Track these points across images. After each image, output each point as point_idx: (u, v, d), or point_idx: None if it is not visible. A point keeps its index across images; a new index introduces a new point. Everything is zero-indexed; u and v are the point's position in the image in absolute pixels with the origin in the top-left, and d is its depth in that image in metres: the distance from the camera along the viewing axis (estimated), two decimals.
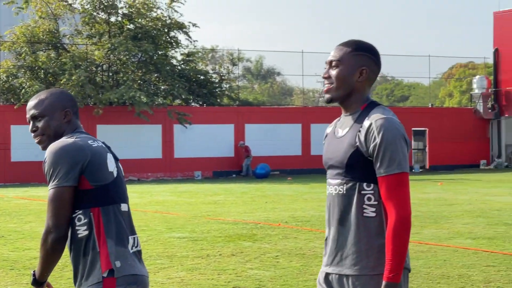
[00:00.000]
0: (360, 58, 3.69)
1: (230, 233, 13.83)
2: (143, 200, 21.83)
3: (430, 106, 45.21)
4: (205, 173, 35.70)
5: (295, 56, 43.04)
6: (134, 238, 3.90)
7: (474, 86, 42.85)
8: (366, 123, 3.59)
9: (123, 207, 3.88)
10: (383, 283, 3.47)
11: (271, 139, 36.86)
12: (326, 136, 3.87)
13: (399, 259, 3.45)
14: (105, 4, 35.42)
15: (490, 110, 41.48)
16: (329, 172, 3.74)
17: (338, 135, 3.73)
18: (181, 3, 36.70)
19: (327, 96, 3.72)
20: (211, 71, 41.20)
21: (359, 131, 3.60)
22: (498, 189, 25.14)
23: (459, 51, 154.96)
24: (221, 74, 40.48)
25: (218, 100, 39.11)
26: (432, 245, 12.14)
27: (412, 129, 39.76)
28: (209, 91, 38.60)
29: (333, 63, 3.71)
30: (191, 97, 37.85)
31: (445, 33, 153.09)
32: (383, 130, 3.53)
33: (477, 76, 43.55)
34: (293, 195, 23.16)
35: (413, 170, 38.75)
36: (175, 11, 36.74)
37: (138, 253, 3.91)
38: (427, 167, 39.92)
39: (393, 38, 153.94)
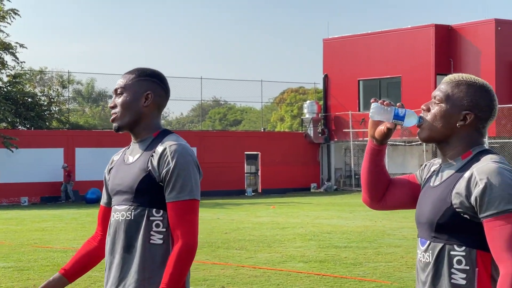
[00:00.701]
0: (144, 83, 3.66)
1: (59, 262, 13.30)
2: None
3: (262, 130, 45.87)
4: (32, 199, 34.47)
5: None
6: None
7: (305, 110, 43.85)
8: (159, 148, 3.54)
9: None
10: None
11: (102, 163, 36.10)
12: (112, 162, 3.81)
13: (175, 285, 3.39)
14: None
15: (320, 135, 42.54)
16: (116, 198, 3.64)
17: (128, 161, 3.66)
18: (8, 23, 35.49)
19: (114, 125, 3.70)
20: (39, 94, 40.00)
21: (152, 156, 3.55)
22: (328, 212, 25.69)
23: (290, 77, 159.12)
24: (50, 97, 39.39)
25: (47, 123, 38.01)
26: (266, 270, 12.12)
27: (245, 153, 40.14)
28: (37, 114, 37.42)
29: (118, 91, 3.68)
30: (18, 120, 36.55)
31: (277, 59, 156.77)
32: (176, 155, 3.49)
33: (308, 101, 44.62)
34: None
35: (246, 194, 39.08)
36: (1, 31, 35.48)
37: None
38: (260, 190, 40.38)
39: (226, 63, 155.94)
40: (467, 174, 2.87)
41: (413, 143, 39.16)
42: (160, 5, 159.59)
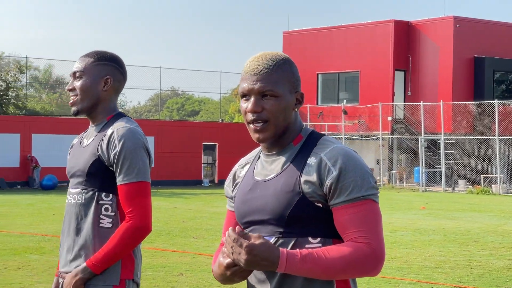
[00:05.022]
0: (103, 68, 3.67)
1: (15, 246, 13.28)
2: None
3: (220, 121, 45.91)
4: None
5: None
6: None
7: None
8: (109, 131, 3.57)
9: None
10: (83, 265, 3.51)
11: (58, 150, 35.89)
12: (72, 146, 3.82)
13: (112, 257, 3.46)
14: None
15: None
16: (71, 181, 3.71)
17: (83, 145, 3.69)
18: None
19: (73, 108, 3.70)
20: None
21: (102, 139, 3.58)
22: None
23: None
24: (8, 82, 39.01)
25: (4, 108, 37.65)
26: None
27: (203, 143, 40.18)
28: None
29: (77, 74, 3.68)
30: None
31: (237, 50, 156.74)
32: (124, 139, 3.52)
33: None
34: None
35: (203, 184, 39.14)
36: None
37: None
38: (216, 181, 40.47)
39: (185, 53, 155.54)
40: (313, 160, 2.67)
41: (370, 138, 39.57)
42: None
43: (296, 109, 2.77)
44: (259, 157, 2.88)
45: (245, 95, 2.75)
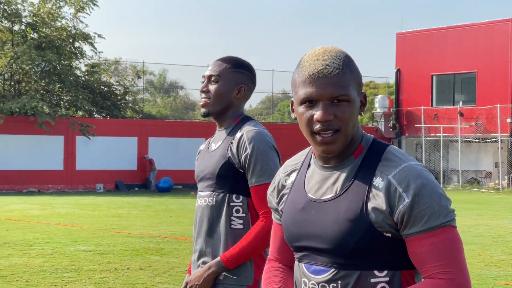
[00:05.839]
0: (239, 76, 3.73)
1: (137, 247, 13.60)
2: (44, 212, 21.29)
3: None
4: (107, 186, 35.16)
5: (198, 70, 42.88)
6: None
7: (376, 105, 43.65)
8: (238, 135, 3.63)
9: None
10: (217, 259, 3.59)
11: (174, 153, 36.61)
12: (199, 152, 3.91)
13: (246, 255, 3.53)
14: (9, 12, 34.58)
15: (391, 129, 42.30)
16: (200, 185, 3.76)
17: (211, 149, 3.77)
18: (87, 13, 36.19)
19: (203, 110, 3.75)
20: (115, 83, 40.72)
21: (231, 143, 3.63)
22: None
23: (360, 70, 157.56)
24: (125, 87, 40.06)
25: (122, 112, 38.67)
26: None
27: None
28: (112, 103, 38.14)
29: (213, 78, 3.72)
30: (95, 108, 37.31)
31: (350, 51, 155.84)
32: (254, 141, 3.56)
33: (379, 96, 44.38)
34: None
35: None
36: (81, 21, 36.19)
37: None
38: None
39: (297, 55, 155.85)
40: (379, 183, 2.31)
41: (487, 140, 38.64)
42: None
43: (362, 113, 2.42)
44: (309, 164, 2.50)
45: (310, 100, 2.34)
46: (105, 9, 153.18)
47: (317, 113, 2.31)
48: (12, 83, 35.32)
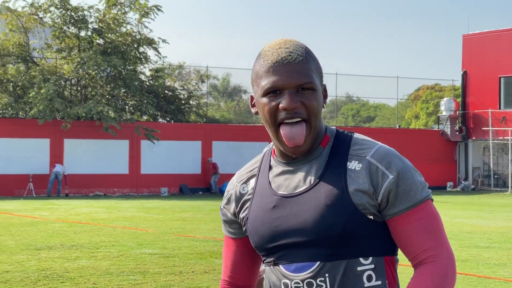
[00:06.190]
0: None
1: (201, 250, 13.63)
2: (111, 216, 21.54)
3: (397, 127, 45.36)
4: (172, 190, 35.44)
5: None
6: None
7: (442, 108, 43.09)
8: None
9: None
10: None
11: (237, 157, 36.72)
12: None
13: None
14: (76, 18, 35.21)
15: (457, 133, 41.73)
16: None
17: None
18: (151, 19, 36.60)
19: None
20: (179, 88, 41.05)
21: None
22: (467, 211, 25.19)
23: (426, 73, 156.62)
24: (189, 91, 40.36)
25: (186, 116, 38.96)
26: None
27: None
28: (176, 107, 38.47)
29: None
30: (159, 113, 37.68)
31: (413, 55, 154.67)
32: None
33: (445, 98, 43.81)
34: None
35: None
36: (145, 26, 36.60)
37: None
38: None
39: (360, 58, 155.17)
40: (356, 165, 2.26)
41: None
42: (293, 1, 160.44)
43: (324, 106, 2.32)
44: (270, 167, 2.38)
45: (275, 90, 2.24)
46: (169, 14, 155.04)
47: (283, 101, 2.23)
48: (79, 88, 35.93)
